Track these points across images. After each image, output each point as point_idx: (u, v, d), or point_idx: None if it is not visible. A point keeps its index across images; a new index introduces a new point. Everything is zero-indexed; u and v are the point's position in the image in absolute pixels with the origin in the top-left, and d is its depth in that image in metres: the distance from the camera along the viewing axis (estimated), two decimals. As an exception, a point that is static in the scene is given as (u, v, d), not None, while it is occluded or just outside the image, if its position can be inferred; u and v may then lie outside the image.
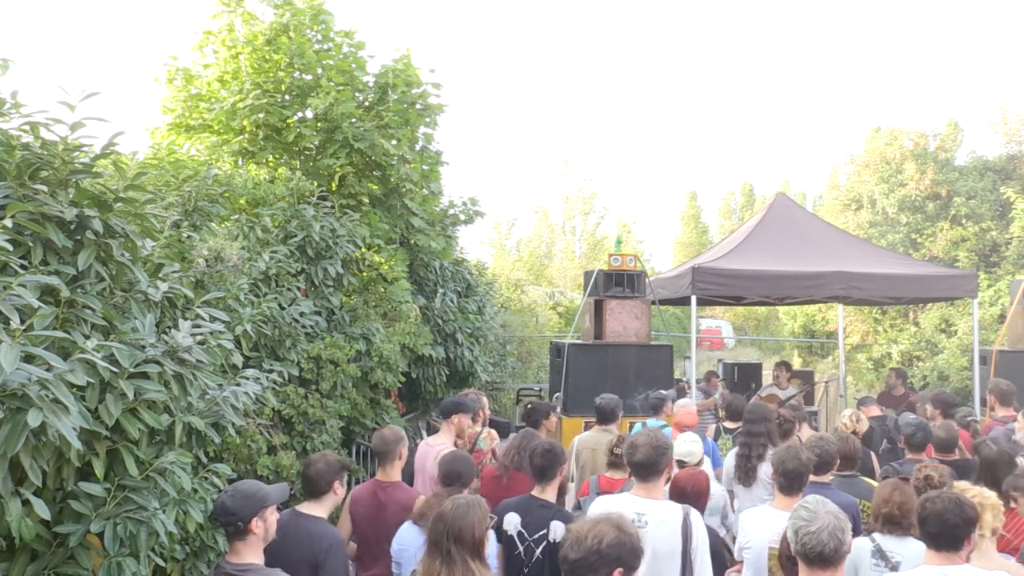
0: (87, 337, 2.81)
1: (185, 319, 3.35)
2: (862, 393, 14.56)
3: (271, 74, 8.43)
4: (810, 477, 4.45)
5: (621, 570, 2.57)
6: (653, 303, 9.59)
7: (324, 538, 3.71)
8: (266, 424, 5.46)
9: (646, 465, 3.73)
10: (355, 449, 7.22)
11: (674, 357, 9.67)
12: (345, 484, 4.11)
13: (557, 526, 4.00)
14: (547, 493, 4.23)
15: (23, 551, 2.67)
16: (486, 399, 6.43)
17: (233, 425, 3.57)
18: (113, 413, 2.73)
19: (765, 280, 8.88)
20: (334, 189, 8.20)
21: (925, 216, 19.74)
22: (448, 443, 5.33)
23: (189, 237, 4.86)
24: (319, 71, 8.46)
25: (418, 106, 8.94)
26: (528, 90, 79.75)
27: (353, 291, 7.53)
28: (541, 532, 4.04)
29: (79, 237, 3.02)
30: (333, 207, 7.37)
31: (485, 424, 6.21)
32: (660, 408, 6.67)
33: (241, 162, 8.21)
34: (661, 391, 7.47)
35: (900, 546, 3.79)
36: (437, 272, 10.41)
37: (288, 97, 8.51)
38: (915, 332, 18.26)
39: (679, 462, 5.17)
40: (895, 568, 3.69)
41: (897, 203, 19.90)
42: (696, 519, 3.67)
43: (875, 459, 6.16)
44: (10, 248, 2.67)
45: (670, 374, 9.10)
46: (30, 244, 2.87)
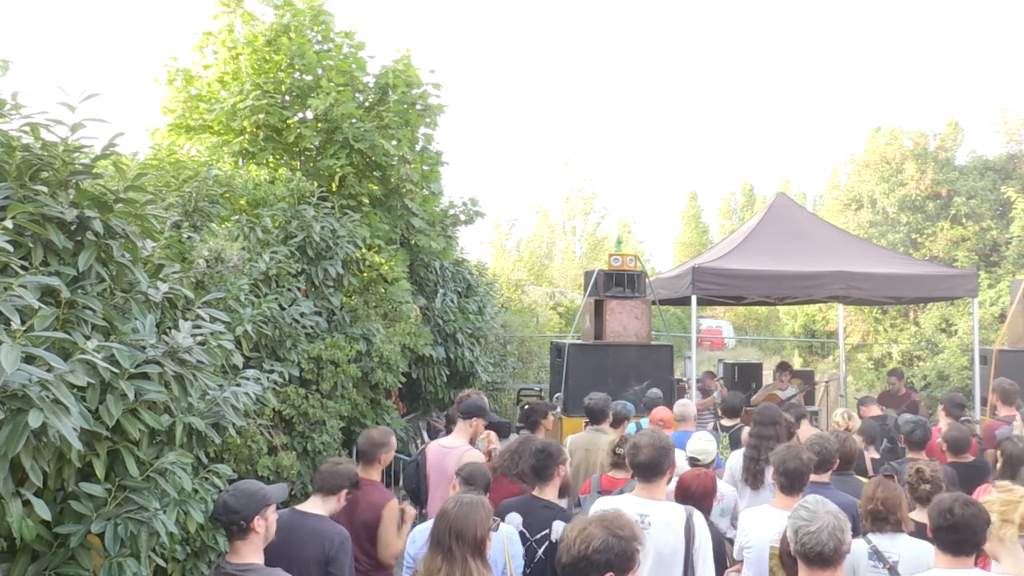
0: (87, 338, 2.81)
1: (185, 320, 3.35)
2: (862, 393, 14.56)
3: (271, 75, 8.43)
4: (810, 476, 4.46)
5: (611, 574, 2.51)
6: (653, 303, 9.59)
7: (334, 535, 3.75)
8: (266, 424, 5.47)
9: (649, 466, 3.72)
10: (355, 450, 7.22)
11: (674, 357, 9.67)
12: (348, 497, 4.14)
13: (559, 526, 3.99)
14: (548, 493, 4.23)
15: (24, 552, 2.67)
16: (486, 399, 6.44)
17: (233, 425, 3.58)
18: (114, 414, 2.73)
19: (765, 280, 8.87)
20: (334, 190, 8.20)
21: (925, 216, 19.74)
22: (465, 444, 5.31)
23: (189, 238, 4.87)
24: (319, 72, 8.46)
25: (418, 106, 8.95)
26: (528, 90, 79.81)
27: (353, 291, 7.53)
28: (543, 532, 4.04)
29: (79, 238, 3.02)
30: (333, 208, 7.37)
31: (485, 425, 6.22)
32: (653, 408, 6.69)
33: (241, 163, 8.22)
34: (654, 389, 7.48)
35: (894, 544, 3.78)
36: (437, 272, 10.42)
37: (288, 98, 8.52)
38: (915, 332, 18.25)
39: (692, 460, 5.16)
40: (894, 568, 3.68)
41: (897, 203, 19.89)
42: (699, 520, 3.66)
43: (867, 459, 6.13)
44: (11, 249, 2.67)
45: (670, 374, 9.10)
46: (31, 245, 2.88)
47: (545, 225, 43.87)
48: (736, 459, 5.91)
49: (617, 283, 9.14)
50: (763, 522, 4.10)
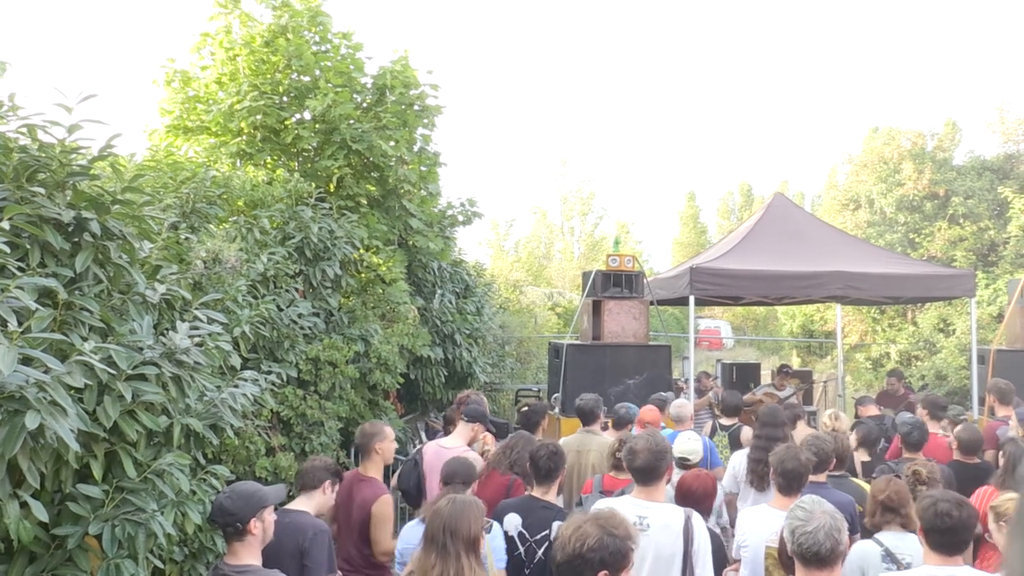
0: (85, 339, 2.81)
1: (183, 321, 3.35)
2: (860, 393, 14.57)
3: (269, 76, 8.42)
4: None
5: (606, 572, 2.52)
6: (651, 303, 9.60)
7: (308, 528, 3.80)
8: (264, 426, 5.47)
9: (646, 470, 3.73)
10: (354, 450, 7.22)
11: (672, 357, 9.67)
12: (335, 488, 4.17)
13: (559, 527, 4.00)
14: (548, 494, 4.25)
15: (21, 553, 2.67)
16: (486, 400, 6.44)
17: (231, 427, 3.58)
18: (111, 415, 2.73)
19: (763, 280, 8.88)
20: (332, 190, 8.20)
21: (923, 216, 19.76)
22: (463, 445, 5.35)
23: (187, 239, 4.86)
24: (317, 72, 8.45)
25: (416, 107, 8.94)
26: (526, 91, 79.83)
27: (351, 292, 7.53)
28: (543, 533, 4.04)
29: (77, 239, 3.02)
30: (331, 208, 7.37)
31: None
32: (662, 410, 6.70)
33: (239, 164, 8.21)
34: (661, 393, 7.49)
35: (904, 544, 3.78)
36: (435, 273, 10.41)
37: (286, 99, 8.51)
38: (913, 332, 18.27)
39: (681, 460, 5.17)
40: (908, 568, 3.67)
41: (895, 203, 19.92)
42: (698, 522, 3.67)
43: (857, 461, 6.11)
44: (8, 250, 2.67)
45: (668, 374, 9.11)
46: (28, 246, 2.87)
47: (543, 226, 43.89)
48: (739, 460, 5.90)
49: (615, 283, 9.15)
50: (760, 522, 4.11)
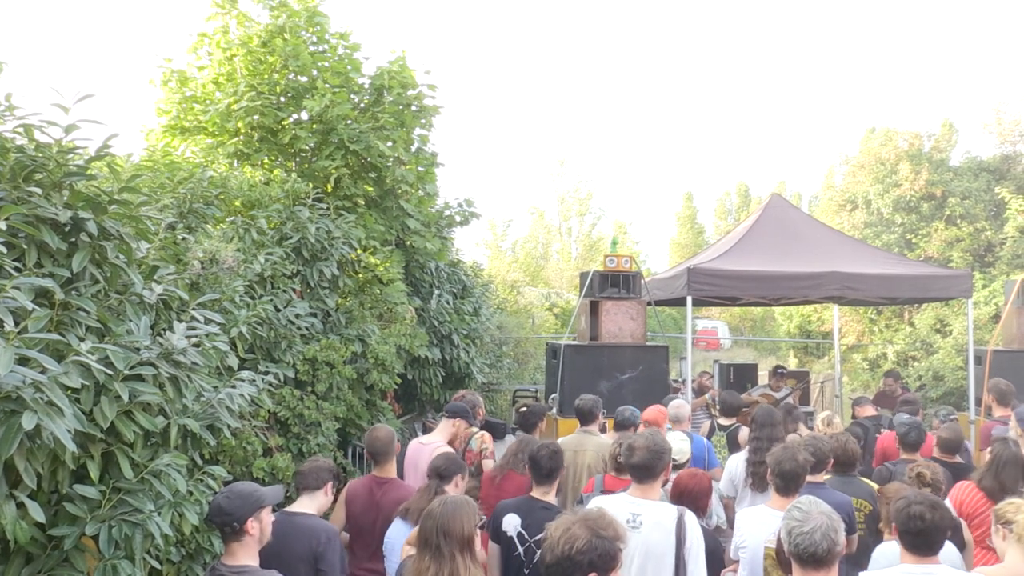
0: (82, 339, 2.81)
1: (180, 321, 3.35)
2: (857, 393, 14.59)
3: (266, 76, 8.42)
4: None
5: (595, 574, 2.52)
6: (649, 304, 9.60)
7: (321, 531, 3.80)
8: (262, 426, 5.46)
9: (643, 468, 3.73)
10: (351, 451, 7.22)
11: (670, 358, 9.68)
12: (334, 491, 4.17)
13: (548, 528, 4.00)
14: (548, 494, 4.25)
15: (18, 554, 2.66)
16: (481, 399, 6.45)
17: (228, 427, 3.58)
18: (108, 415, 2.73)
19: (761, 281, 8.88)
20: (329, 191, 8.19)
21: (920, 216, 19.78)
22: (441, 442, 5.37)
23: (184, 239, 4.86)
24: (314, 73, 8.45)
25: (413, 108, 8.94)
26: (524, 91, 79.88)
27: (349, 293, 7.53)
28: (543, 533, 4.05)
29: (73, 239, 3.02)
30: (328, 209, 7.36)
31: (480, 424, 6.25)
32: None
33: (236, 164, 8.20)
34: (674, 396, 7.47)
35: None
36: (433, 274, 10.41)
37: (283, 99, 8.51)
38: (910, 332, 18.29)
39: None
40: None
41: (892, 203, 19.94)
42: (691, 520, 3.67)
43: None
44: (4, 250, 2.67)
45: (666, 375, 9.11)
46: (24, 246, 2.87)
47: (541, 226, 43.90)
48: (735, 463, 5.89)
49: (613, 284, 9.15)
50: (759, 522, 4.11)
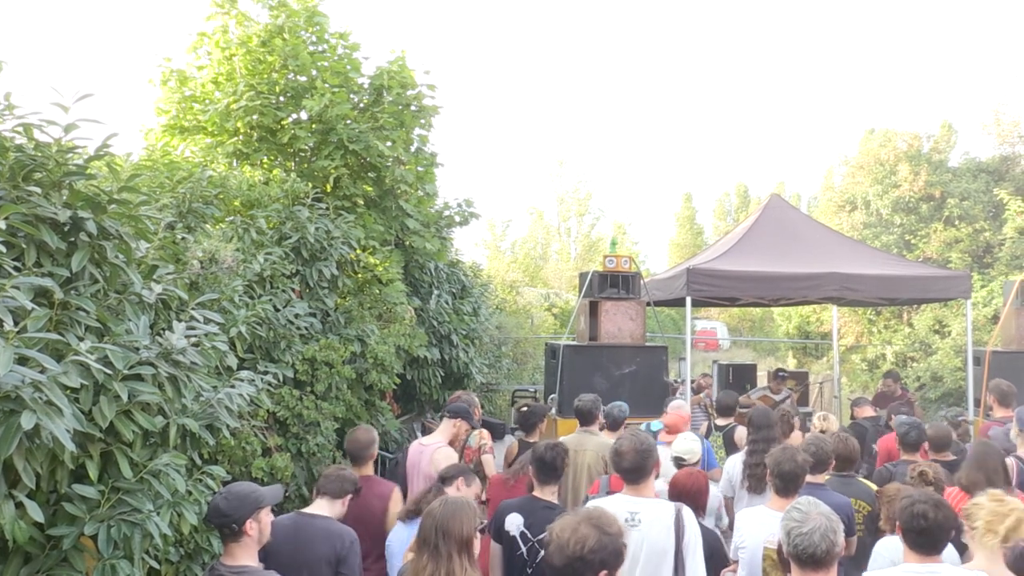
0: (81, 339, 2.80)
1: (179, 321, 3.34)
2: (856, 394, 14.59)
3: (265, 76, 8.41)
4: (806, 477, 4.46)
5: (605, 572, 2.55)
6: (648, 304, 9.60)
7: (344, 535, 3.85)
8: (261, 426, 5.46)
9: (634, 470, 3.76)
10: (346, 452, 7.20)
11: (669, 358, 9.68)
12: (348, 503, 4.22)
13: (552, 529, 4.00)
14: (549, 494, 4.26)
15: (17, 554, 2.66)
16: (477, 399, 6.46)
17: (227, 427, 3.58)
18: (107, 415, 2.72)
19: (760, 281, 8.89)
20: (329, 191, 8.18)
21: (919, 217, 19.80)
22: (442, 442, 5.38)
23: (183, 239, 4.86)
24: (314, 73, 8.44)
25: (413, 108, 8.93)
26: (523, 91, 79.90)
27: (348, 293, 7.52)
28: (545, 533, 4.05)
29: (73, 239, 3.01)
30: (328, 209, 7.36)
31: (478, 424, 6.25)
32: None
33: (235, 164, 8.19)
34: (674, 397, 7.47)
35: None
36: (432, 274, 10.40)
37: (283, 99, 8.49)
38: (909, 333, 18.31)
39: (678, 460, 5.17)
40: None
41: (891, 204, 19.96)
42: (688, 516, 3.69)
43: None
44: (3, 250, 2.67)
45: (665, 375, 9.11)
46: (23, 246, 2.87)
47: (540, 226, 43.90)
48: (733, 464, 5.88)
49: (612, 284, 9.15)
50: (758, 523, 4.12)
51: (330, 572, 3.74)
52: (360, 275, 7.83)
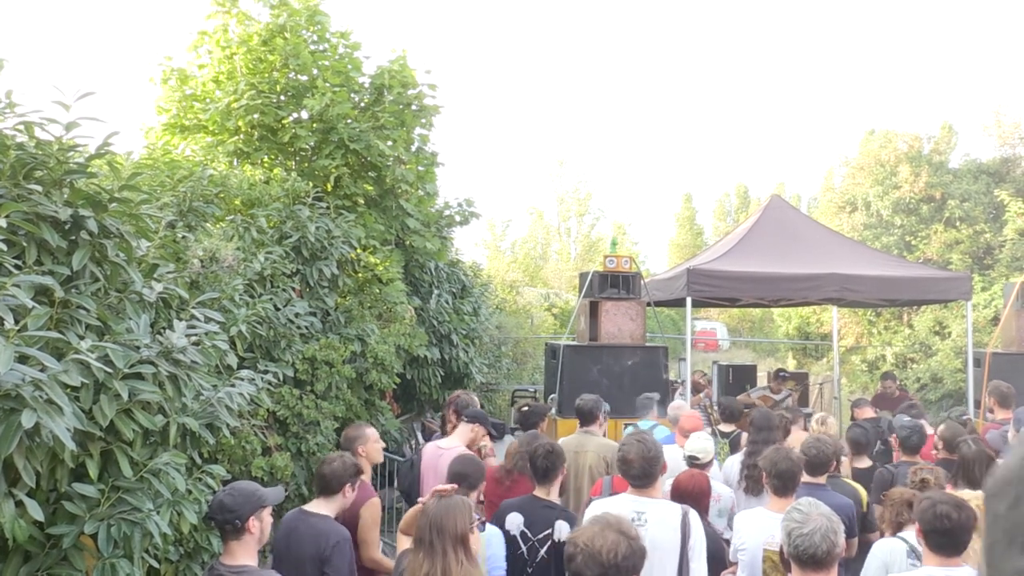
0: (81, 338, 2.80)
1: (180, 320, 3.34)
2: (856, 395, 14.59)
3: (266, 75, 8.41)
4: (805, 478, 4.46)
5: None
6: (648, 305, 9.60)
7: (331, 535, 3.79)
8: (261, 425, 5.45)
9: (643, 476, 3.77)
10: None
11: (669, 358, 9.67)
12: (356, 488, 4.13)
13: (562, 526, 4.03)
14: (550, 493, 4.26)
15: (16, 552, 2.66)
16: (476, 398, 6.46)
17: (228, 426, 3.57)
18: (107, 414, 2.72)
19: (760, 282, 8.89)
20: (329, 190, 8.18)
21: (919, 218, 19.80)
22: (460, 446, 5.34)
23: (184, 238, 4.85)
24: (315, 72, 8.44)
25: (414, 107, 8.93)
26: (523, 91, 79.91)
27: (348, 292, 7.52)
28: (546, 532, 4.06)
29: (73, 237, 3.01)
30: (328, 208, 7.36)
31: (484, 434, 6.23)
32: (649, 409, 6.67)
33: (236, 163, 8.19)
34: (649, 393, 7.44)
35: None
36: (432, 273, 10.40)
37: (283, 98, 8.49)
38: (909, 334, 18.32)
39: (691, 459, 5.15)
40: None
41: (891, 205, 19.96)
42: (694, 518, 3.70)
43: (847, 465, 6.08)
44: (4, 248, 2.66)
45: (665, 376, 9.10)
46: (24, 244, 2.86)
47: (540, 226, 43.89)
48: (731, 464, 5.87)
49: (612, 284, 9.14)
50: (757, 524, 4.12)
51: (315, 571, 3.71)
52: (360, 274, 7.83)
